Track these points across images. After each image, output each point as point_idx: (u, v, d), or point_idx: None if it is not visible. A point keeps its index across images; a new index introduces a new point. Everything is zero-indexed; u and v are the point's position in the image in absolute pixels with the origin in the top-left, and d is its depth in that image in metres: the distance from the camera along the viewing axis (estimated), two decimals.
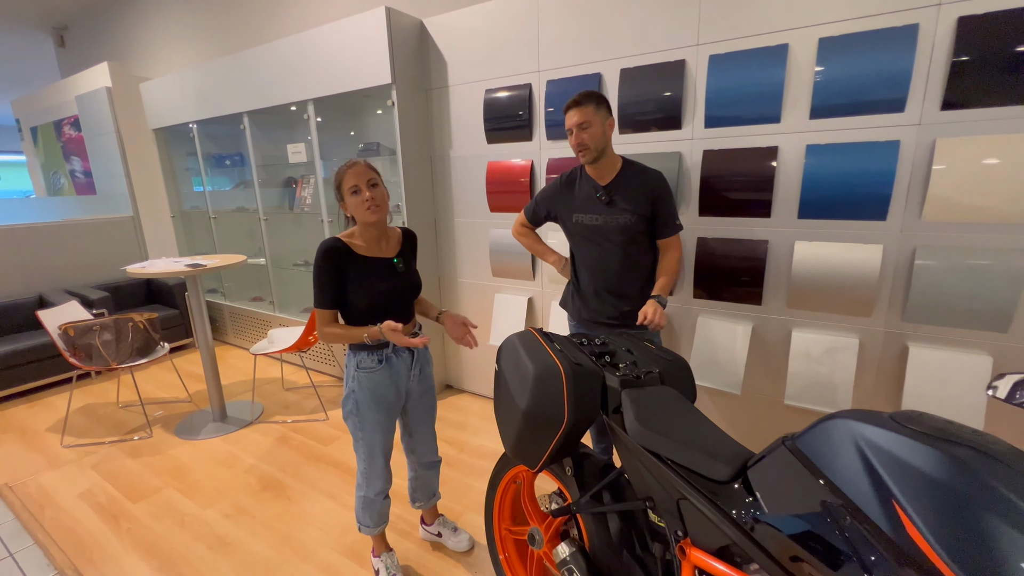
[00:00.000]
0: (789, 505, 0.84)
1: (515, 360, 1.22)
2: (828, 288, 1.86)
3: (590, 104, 1.58)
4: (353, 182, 1.37)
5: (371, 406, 1.48)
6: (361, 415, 1.48)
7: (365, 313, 1.42)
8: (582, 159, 1.65)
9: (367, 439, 1.52)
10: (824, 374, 1.91)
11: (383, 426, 1.52)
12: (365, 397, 1.47)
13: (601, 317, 1.79)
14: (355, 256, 1.41)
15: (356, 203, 1.38)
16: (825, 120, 1.79)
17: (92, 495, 2.24)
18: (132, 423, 2.90)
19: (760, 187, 1.93)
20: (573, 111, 1.60)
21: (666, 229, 1.66)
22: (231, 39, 4.10)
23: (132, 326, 2.76)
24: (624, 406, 1.15)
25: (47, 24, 5.50)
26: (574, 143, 1.62)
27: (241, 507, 2.11)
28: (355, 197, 1.38)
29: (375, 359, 1.45)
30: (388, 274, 1.45)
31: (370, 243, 1.44)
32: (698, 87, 1.99)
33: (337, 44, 2.70)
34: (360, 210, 1.39)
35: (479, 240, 2.78)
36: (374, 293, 1.41)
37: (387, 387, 1.49)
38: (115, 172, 4.39)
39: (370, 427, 1.50)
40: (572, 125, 1.60)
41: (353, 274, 1.39)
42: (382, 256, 1.46)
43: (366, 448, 1.53)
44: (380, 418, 1.50)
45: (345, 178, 1.38)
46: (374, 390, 1.47)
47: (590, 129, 1.58)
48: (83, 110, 4.47)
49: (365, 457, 1.55)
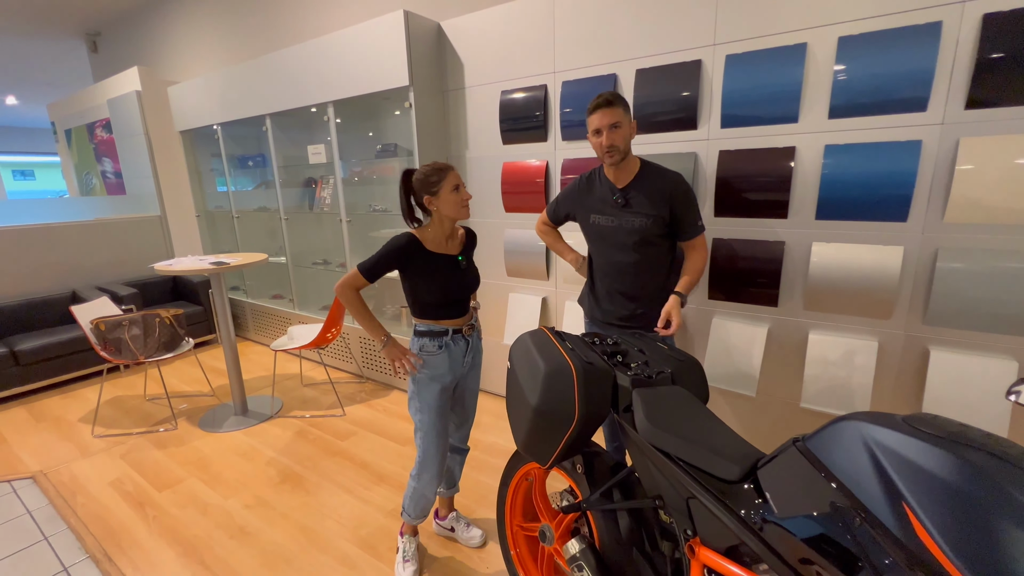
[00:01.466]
0: (799, 506, 0.84)
1: (527, 358, 1.24)
2: (846, 290, 1.83)
3: (620, 105, 1.57)
4: (457, 181, 1.52)
5: (429, 385, 1.58)
6: (421, 396, 1.59)
7: (432, 305, 1.55)
8: (609, 161, 1.62)
9: (424, 420, 1.60)
10: (842, 377, 1.88)
11: (439, 407, 1.60)
12: (424, 377, 1.58)
13: (613, 318, 1.79)
14: (425, 252, 1.51)
15: (456, 200, 1.51)
16: (844, 120, 1.77)
17: (121, 483, 2.33)
18: (158, 415, 3.01)
19: (777, 188, 1.91)
20: (604, 111, 1.56)
21: (687, 231, 1.65)
22: (254, 44, 4.21)
23: (159, 322, 2.86)
24: (635, 405, 1.16)
25: (81, 31, 5.72)
26: (605, 143, 1.57)
27: (261, 498, 2.18)
28: (456, 194, 1.51)
29: (436, 344, 1.57)
30: (453, 271, 1.56)
31: (439, 241, 1.55)
32: (714, 87, 1.98)
33: (356, 47, 2.76)
34: (457, 207, 1.51)
35: (494, 240, 2.81)
36: (442, 288, 1.53)
37: (445, 370, 1.59)
38: (144, 173, 4.55)
39: (428, 408, 1.59)
40: (603, 125, 1.56)
41: (422, 269, 1.51)
42: (448, 253, 1.57)
43: (423, 429, 1.61)
44: (437, 400, 1.59)
45: (449, 175, 1.50)
46: (432, 372, 1.58)
47: (620, 130, 1.57)
48: (114, 113, 4.64)
49: (422, 439, 1.63)
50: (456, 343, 1.60)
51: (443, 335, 1.57)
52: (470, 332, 1.64)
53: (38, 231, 3.78)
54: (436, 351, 1.57)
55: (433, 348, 1.56)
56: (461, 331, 1.60)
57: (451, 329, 1.58)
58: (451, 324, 1.58)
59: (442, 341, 1.57)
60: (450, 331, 1.58)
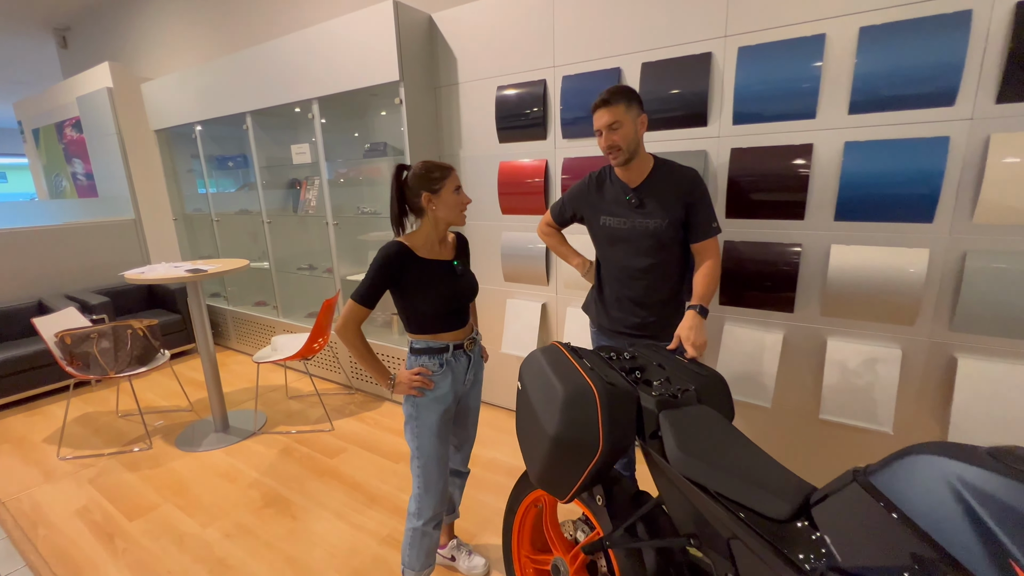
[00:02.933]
0: (869, 554, 0.72)
1: (541, 379, 1.11)
2: (867, 295, 1.74)
3: (620, 102, 1.46)
4: (459, 183, 1.40)
5: (431, 407, 1.43)
6: (420, 419, 1.43)
7: (430, 316, 1.41)
8: (613, 162, 1.53)
9: (423, 447, 1.44)
10: (863, 387, 1.78)
11: (440, 432, 1.45)
12: (425, 400, 1.43)
13: (621, 326, 1.67)
14: (417, 260, 1.38)
15: (455, 203, 1.38)
16: (866, 115, 1.67)
17: (88, 512, 2.14)
18: (132, 433, 2.81)
19: (793, 187, 1.81)
20: (602, 111, 1.48)
21: (700, 233, 1.53)
22: (234, 37, 4.01)
23: (131, 333, 2.67)
24: (663, 430, 1.04)
25: (48, 25, 5.44)
26: (604, 145, 1.49)
27: (243, 525, 2.01)
28: (457, 196, 1.38)
29: (436, 363, 1.42)
30: (449, 277, 1.42)
31: (431, 247, 1.42)
32: (726, 81, 1.88)
33: (343, 40, 2.60)
34: (456, 211, 1.39)
35: (491, 243, 2.67)
36: (440, 297, 1.39)
37: (447, 391, 1.45)
38: (117, 174, 4.31)
39: (428, 432, 1.43)
40: (601, 126, 1.48)
41: (416, 278, 1.37)
42: (441, 259, 1.43)
43: (423, 457, 1.45)
44: (439, 424, 1.44)
45: (451, 176, 1.38)
46: (434, 393, 1.43)
47: (621, 130, 1.46)
48: (84, 111, 4.39)
49: (421, 469, 1.46)
50: (458, 359, 1.46)
51: (443, 351, 1.43)
52: (471, 346, 1.50)
53: (1, 236, 3.54)
54: (437, 370, 1.42)
55: (433, 367, 1.42)
56: (462, 346, 1.46)
57: (452, 344, 1.44)
58: (451, 339, 1.44)
59: (443, 359, 1.43)
60: (451, 347, 1.43)
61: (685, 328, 1.36)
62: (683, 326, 1.37)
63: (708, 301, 1.48)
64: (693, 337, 1.33)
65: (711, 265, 1.53)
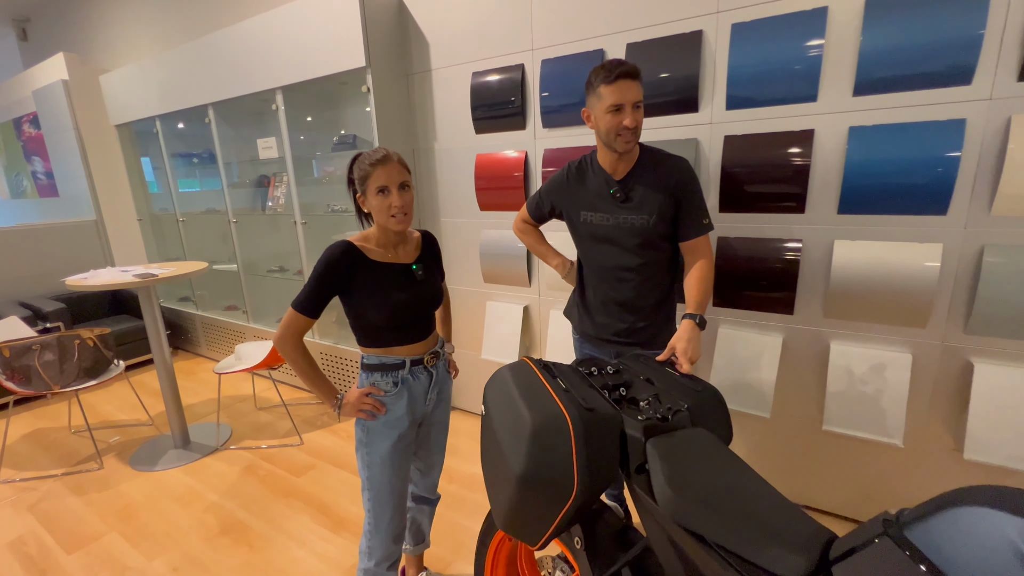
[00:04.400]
0: None
1: (507, 404, 0.93)
2: (874, 294, 1.59)
3: (639, 79, 1.28)
4: (383, 182, 1.16)
5: (383, 433, 1.25)
6: (371, 445, 1.25)
7: (383, 327, 1.23)
8: (622, 147, 1.31)
9: (374, 479, 1.26)
10: (870, 395, 1.63)
11: (394, 462, 1.26)
12: (376, 424, 1.24)
13: (608, 333, 1.50)
14: (368, 262, 1.19)
15: (381, 206, 1.18)
16: (872, 97, 1.51)
17: (23, 544, 1.93)
18: (84, 451, 2.60)
19: (792, 178, 1.65)
20: (628, 83, 1.24)
21: (690, 229, 1.36)
22: (197, 23, 3.76)
23: (79, 344, 2.46)
24: (651, 464, 0.87)
25: (7, 16, 5.15)
26: (629, 124, 1.26)
27: (193, 558, 1.82)
28: (381, 199, 1.17)
29: (390, 381, 1.24)
30: (406, 282, 1.24)
31: (386, 248, 1.24)
32: (718, 62, 1.71)
33: (305, 25, 2.40)
34: (384, 215, 1.18)
35: (469, 242, 2.50)
36: (391, 305, 1.20)
37: (402, 414, 1.26)
38: (77, 172, 4.07)
39: (379, 461, 1.25)
40: (627, 101, 1.25)
41: (366, 283, 1.19)
42: (398, 262, 1.24)
43: (373, 490, 1.27)
44: (392, 452, 1.26)
45: (373, 175, 1.16)
46: (386, 417, 1.25)
47: (641, 110, 1.29)
48: (40, 106, 4.14)
49: (372, 504, 1.28)
50: (416, 377, 1.28)
51: (398, 368, 1.25)
52: (433, 362, 1.32)
53: None
54: (390, 389, 1.24)
55: (386, 386, 1.24)
56: (422, 361, 1.28)
57: (409, 360, 1.26)
58: (408, 353, 1.26)
59: (398, 376, 1.25)
60: (407, 363, 1.25)
61: (683, 340, 1.18)
62: (680, 337, 1.20)
63: (705, 308, 1.31)
64: (691, 352, 1.16)
65: (704, 267, 1.35)
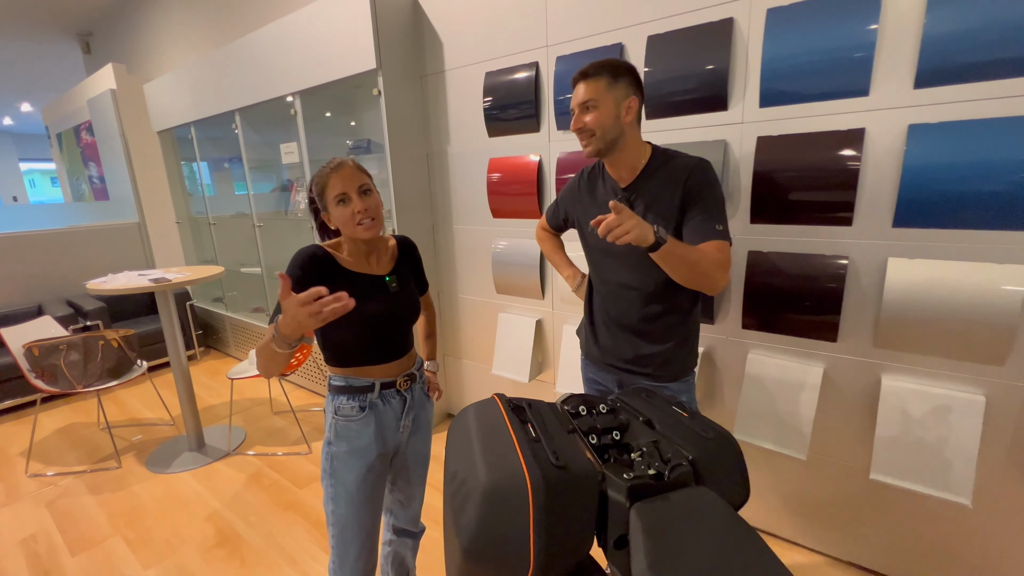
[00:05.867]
0: None
1: (464, 455, 0.80)
2: (937, 323, 1.33)
3: (602, 77, 1.15)
4: (340, 189, 1.06)
5: (348, 463, 1.14)
6: (335, 476, 1.14)
7: (351, 345, 1.12)
8: (584, 151, 1.21)
9: (338, 513, 1.15)
10: (931, 442, 1.38)
11: (361, 496, 1.15)
12: (341, 451, 1.13)
13: (614, 359, 1.34)
14: (340, 270, 1.09)
15: (344, 215, 1.07)
16: (937, 89, 1.27)
17: (34, 542, 1.98)
18: (107, 449, 2.67)
19: (838, 184, 1.42)
20: (579, 85, 1.18)
21: (695, 235, 1.13)
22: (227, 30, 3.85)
23: (103, 345, 2.52)
24: (632, 538, 0.71)
25: (72, 31, 5.53)
26: (573, 127, 1.20)
27: (186, 569, 1.79)
28: (343, 208, 1.07)
29: (354, 405, 1.13)
30: (378, 295, 1.13)
31: (358, 257, 1.14)
32: (751, 54, 1.51)
33: (318, 28, 2.36)
34: (349, 225, 1.08)
35: (481, 250, 2.38)
36: (360, 320, 1.07)
37: (369, 442, 1.14)
38: (123, 177, 4.27)
39: (345, 495, 1.14)
40: (575, 104, 1.19)
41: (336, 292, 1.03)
42: (371, 273, 1.14)
43: (338, 525, 1.16)
44: (359, 484, 1.14)
45: (329, 183, 1.07)
46: (352, 443, 1.14)
47: (597, 111, 1.15)
48: (94, 114, 4.39)
49: (336, 540, 1.18)
50: (387, 402, 1.17)
51: (367, 391, 1.14)
52: (407, 385, 1.20)
53: (3, 240, 3.52)
54: (355, 415, 1.13)
55: (351, 410, 1.13)
56: (395, 384, 1.17)
57: (379, 383, 1.14)
58: (379, 375, 1.15)
59: (365, 400, 1.13)
60: (377, 386, 1.14)
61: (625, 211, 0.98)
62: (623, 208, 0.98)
63: (677, 247, 1.04)
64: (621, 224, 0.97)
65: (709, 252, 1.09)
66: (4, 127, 11.72)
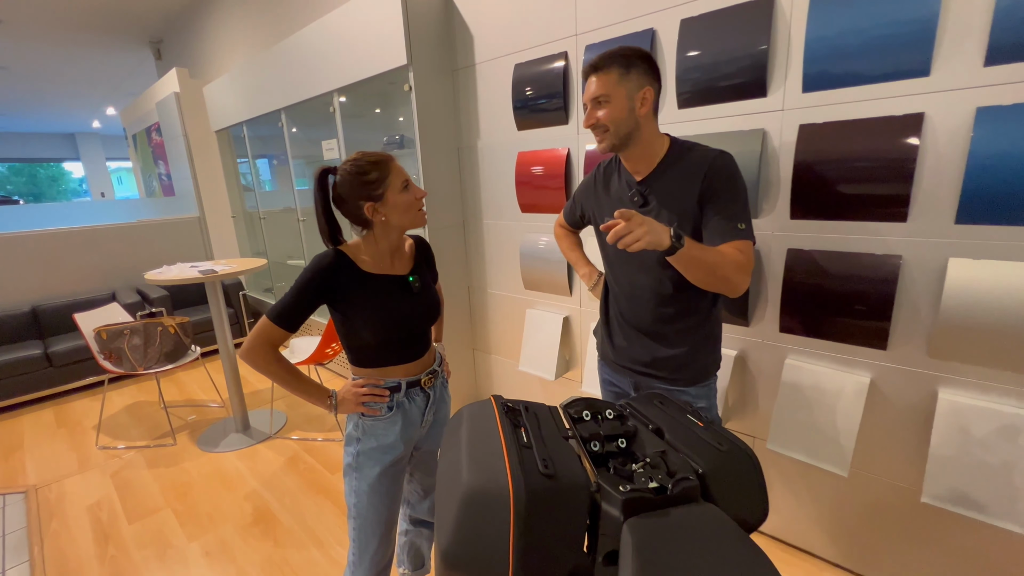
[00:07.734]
0: None
1: (453, 456, 0.78)
2: (1005, 332, 1.18)
3: (613, 69, 1.10)
4: (406, 175, 1.12)
5: (373, 460, 1.17)
6: (360, 471, 1.18)
7: (377, 346, 1.14)
8: (599, 147, 1.16)
9: (360, 507, 1.19)
10: (994, 466, 1.23)
11: (384, 490, 1.18)
12: (367, 448, 1.17)
13: (628, 361, 1.28)
14: (361, 275, 1.10)
15: (408, 201, 1.11)
16: (1013, 67, 1.11)
17: (98, 508, 2.18)
18: (165, 427, 2.89)
19: (892, 176, 1.29)
20: (590, 79, 1.13)
21: (715, 236, 1.06)
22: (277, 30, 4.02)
23: (161, 331, 2.73)
24: (622, 556, 0.67)
25: (145, 39, 5.98)
26: (586, 124, 1.15)
27: (225, 543, 1.91)
28: (405, 195, 1.11)
29: (384, 405, 1.16)
30: (401, 296, 1.15)
31: (379, 258, 1.14)
32: (793, 33, 1.39)
33: (353, 24, 2.41)
34: (411, 211, 1.12)
35: (510, 245, 2.36)
36: (387, 322, 1.11)
37: (395, 440, 1.17)
38: (186, 174, 4.59)
39: (368, 488, 1.17)
40: (586, 99, 1.15)
41: (359, 298, 1.10)
42: (393, 273, 1.15)
43: (360, 518, 1.20)
44: (383, 480, 1.17)
45: (393, 169, 1.10)
46: (379, 441, 1.17)
47: (609, 105, 1.10)
48: (161, 116, 4.72)
49: (356, 533, 1.21)
50: (413, 400, 1.18)
51: (394, 392, 1.15)
52: (431, 382, 1.21)
53: (81, 233, 3.88)
54: (384, 413, 1.15)
55: (380, 410, 1.15)
56: (419, 382, 1.18)
57: (405, 382, 1.16)
58: (405, 374, 1.16)
59: (393, 400, 1.15)
60: (403, 385, 1.15)
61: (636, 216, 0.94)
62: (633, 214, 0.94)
63: (694, 250, 0.98)
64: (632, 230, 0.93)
65: (729, 253, 1.02)
66: (93, 129, 12.93)
